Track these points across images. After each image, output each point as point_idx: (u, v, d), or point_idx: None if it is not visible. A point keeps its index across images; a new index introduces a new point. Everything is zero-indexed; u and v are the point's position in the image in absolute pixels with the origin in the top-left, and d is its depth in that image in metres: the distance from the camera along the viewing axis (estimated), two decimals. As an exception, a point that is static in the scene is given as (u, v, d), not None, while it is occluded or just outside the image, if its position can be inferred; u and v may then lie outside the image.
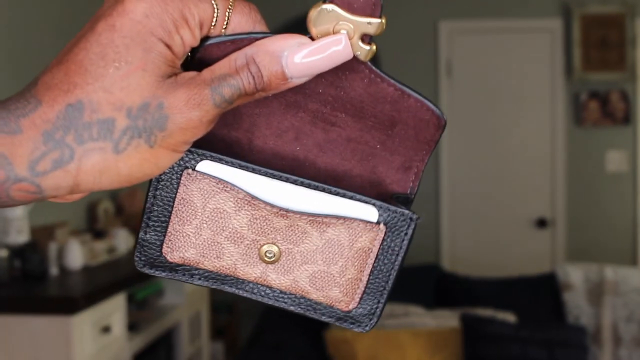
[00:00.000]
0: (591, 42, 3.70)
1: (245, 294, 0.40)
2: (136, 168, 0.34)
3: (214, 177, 0.38)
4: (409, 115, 0.39)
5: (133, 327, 2.46)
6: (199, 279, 0.39)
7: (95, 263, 2.49)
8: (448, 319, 2.62)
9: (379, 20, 0.35)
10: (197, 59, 0.36)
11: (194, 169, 0.38)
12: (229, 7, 0.35)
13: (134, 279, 2.38)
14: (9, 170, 0.32)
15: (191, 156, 0.38)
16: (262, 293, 0.40)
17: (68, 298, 2.01)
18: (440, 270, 3.16)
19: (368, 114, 0.39)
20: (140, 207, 3.06)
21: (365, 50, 0.36)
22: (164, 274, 0.39)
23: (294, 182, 0.38)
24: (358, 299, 0.40)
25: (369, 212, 0.39)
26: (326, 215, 0.38)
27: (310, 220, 0.38)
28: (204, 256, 0.38)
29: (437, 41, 3.83)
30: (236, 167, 0.38)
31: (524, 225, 3.83)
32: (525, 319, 2.71)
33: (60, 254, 2.37)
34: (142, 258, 0.39)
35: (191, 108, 0.33)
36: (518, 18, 3.79)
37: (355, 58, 0.36)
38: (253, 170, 0.38)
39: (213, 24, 0.35)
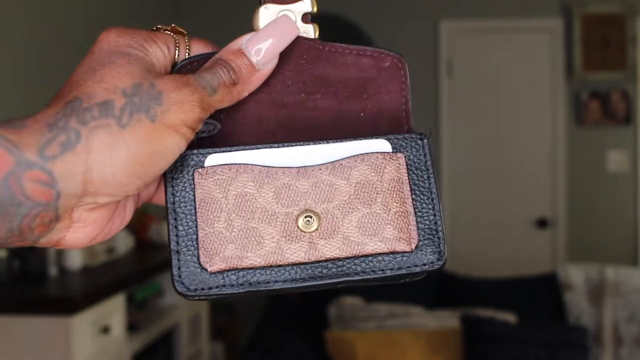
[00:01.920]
0: (592, 41, 3.70)
1: (303, 284, 0.37)
2: (144, 143, 0.35)
3: (226, 165, 0.38)
4: (373, 70, 0.41)
5: (133, 327, 2.46)
6: (257, 284, 0.37)
7: (95, 263, 2.48)
8: (448, 320, 2.61)
9: None
10: None
11: (203, 166, 0.39)
12: (186, 40, 0.40)
13: (134, 279, 2.37)
14: (18, 155, 0.33)
15: (196, 157, 0.39)
16: (320, 273, 0.37)
17: (67, 298, 2.00)
18: (440, 271, 3.15)
19: (339, 86, 0.41)
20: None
21: (310, 27, 0.40)
22: (215, 290, 0.37)
23: (301, 145, 0.40)
24: (416, 234, 0.38)
25: (380, 145, 0.40)
26: (344, 159, 0.39)
27: (331, 169, 0.38)
28: (244, 248, 0.37)
29: (437, 41, 3.82)
30: (241, 151, 0.39)
31: (524, 225, 3.82)
32: (525, 320, 2.70)
33: (59, 254, 2.36)
34: (185, 283, 0.37)
35: (181, 86, 0.36)
36: (519, 18, 3.78)
37: (305, 38, 0.40)
38: (258, 149, 0.39)
39: (177, 54, 0.40)
